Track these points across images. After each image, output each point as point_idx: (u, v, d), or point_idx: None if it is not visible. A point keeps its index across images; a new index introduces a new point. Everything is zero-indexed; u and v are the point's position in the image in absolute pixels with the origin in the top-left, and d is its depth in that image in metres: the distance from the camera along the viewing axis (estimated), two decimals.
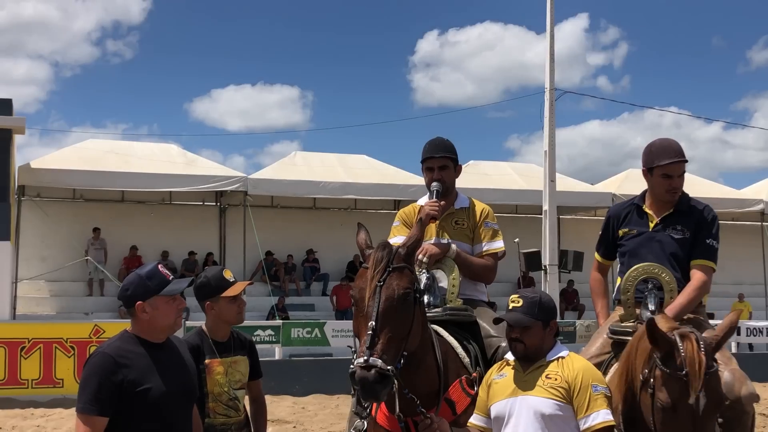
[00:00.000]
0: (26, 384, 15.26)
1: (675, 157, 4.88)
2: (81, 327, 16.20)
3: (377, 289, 3.96)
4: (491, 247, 5.31)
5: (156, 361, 3.91)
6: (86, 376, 3.80)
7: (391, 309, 3.92)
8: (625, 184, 25.03)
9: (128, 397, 3.77)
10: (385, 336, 3.85)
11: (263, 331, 18.05)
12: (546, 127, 20.33)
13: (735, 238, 27.46)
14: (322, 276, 25.10)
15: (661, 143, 4.98)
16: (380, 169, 24.97)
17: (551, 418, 3.93)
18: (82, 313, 21.53)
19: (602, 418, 3.88)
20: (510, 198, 24.52)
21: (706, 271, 4.86)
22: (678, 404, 3.69)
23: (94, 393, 3.74)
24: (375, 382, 3.74)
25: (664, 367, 3.78)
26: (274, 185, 22.89)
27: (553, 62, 20.31)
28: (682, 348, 3.74)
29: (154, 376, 3.86)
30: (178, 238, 23.94)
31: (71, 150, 22.65)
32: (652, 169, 4.93)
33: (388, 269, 4.03)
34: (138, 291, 3.91)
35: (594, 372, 4.07)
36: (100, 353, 3.85)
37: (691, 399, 3.65)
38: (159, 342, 3.99)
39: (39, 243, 22.99)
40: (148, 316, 3.91)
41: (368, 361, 3.75)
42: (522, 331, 4.07)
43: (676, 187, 4.92)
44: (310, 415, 13.80)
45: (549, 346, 4.13)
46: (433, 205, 5.12)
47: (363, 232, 4.42)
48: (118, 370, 3.78)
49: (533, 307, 4.08)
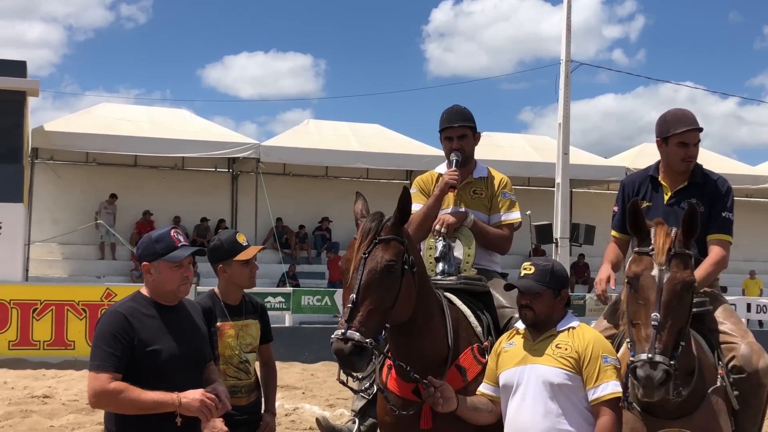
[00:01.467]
0: (38, 345, 15.43)
1: (691, 125, 4.83)
2: (93, 290, 16.35)
3: (362, 261, 3.97)
4: (508, 217, 5.30)
5: (167, 323, 3.93)
6: (99, 333, 3.82)
7: (373, 281, 3.92)
8: (639, 158, 24.91)
9: (138, 357, 3.79)
10: (365, 308, 3.86)
11: (273, 298, 18.15)
12: (561, 100, 20.19)
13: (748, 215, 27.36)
14: (332, 244, 25.15)
15: (675, 112, 4.94)
16: (393, 138, 24.91)
17: (560, 387, 3.94)
18: (94, 276, 21.65)
19: (611, 389, 3.90)
20: (522, 170, 24.42)
21: (724, 246, 4.83)
22: (641, 275, 3.88)
23: (107, 350, 3.75)
24: (351, 354, 3.77)
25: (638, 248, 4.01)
26: (286, 153, 22.88)
27: (569, 33, 20.13)
28: (654, 232, 3.97)
29: (165, 338, 3.87)
30: (190, 204, 24.00)
31: (85, 114, 22.66)
32: (667, 139, 4.88)
33: (375, 241, 4.03)
34: (146, 252, 3.94)
35: (604, 343, 4.08)
36: (113, 311, 3.87)
37: (654, 270, 3.85)
38: (170, 305, 4.00)
39: (51, 206, 23.08)
40: (152, 278, 3.94)
41: (345, 333, 3.78)
42: (532, 298, 4.08)
43: (691, 156, 4.87)
44: (319, 381, 13.89)
45: (559, 315, 4.13)
46: (453, 173, 5.09)
47: (360, 201, 4.45)
48: (130, 328, 3.80)
49: (545, 275, 4.09)
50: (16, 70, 18.53)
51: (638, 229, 4.02)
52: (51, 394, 11.75)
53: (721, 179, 5.00)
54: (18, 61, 19.25)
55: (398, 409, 4.29)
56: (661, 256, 3.87)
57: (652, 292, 3.79)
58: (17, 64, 18.91)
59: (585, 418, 3.94)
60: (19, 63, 19.12)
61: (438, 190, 5.10)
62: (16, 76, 18.26)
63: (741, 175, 26.52)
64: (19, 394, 11.74)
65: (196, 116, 24.14)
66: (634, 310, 3.86)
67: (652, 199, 5.02)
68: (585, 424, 3.93)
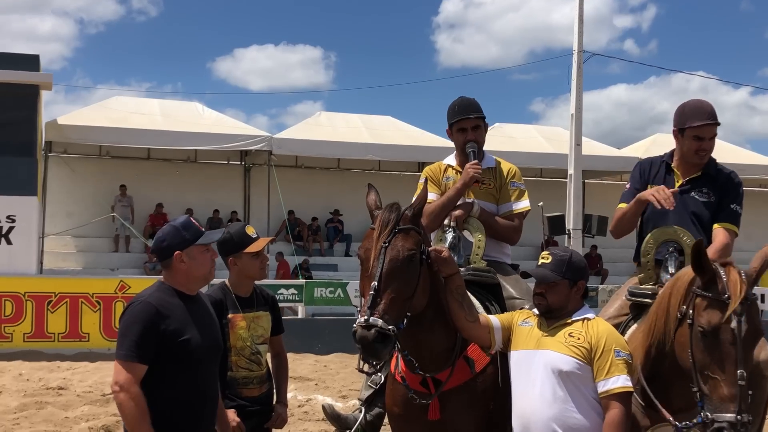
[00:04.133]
0: (53, 337, 15.52)
1: (708, 119, 4.82)
2: (107, 282, 16.42)
3: (382, 250, 3.99)
4: (516, 207, 5.29)
5: (191, 313, 3.98)
6: (128, 323, 3.85)
7: (395, 270, 3.95)
8: (652, 148, 24.79)
9: (167, 347, 3.83)
10: (387, 296, 3.88)
11: (286, 290, 18.17)
12: (573, 90, 20.15)
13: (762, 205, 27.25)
14: (345, 236, 25.18)
15: (694, 104, 4.92)
16: (405, 130, 24.89)
17: (568, 375, 3.94)
18: (108, 268, 21.77)
19: (622, 383, 3.89)
20: (535, 161, 24.38)
21: (729, 234, 4.83)
22: (719, 328, 3.66)
23: (136, 340, 3.78)
24: (375, 341, 3.78)
25: (705, 293, 3.76)
26: (298, 145, 22.90)
27: (581, 24, 20.08)
28: (724, 274, 3.74)
29: (191, 328, 3.93)
30: (202, 197, 24.07)
31: (98, 107, 22.75)
32: (683, 130, 4.87)
33: (394, 231, 4.06)
34: (175, 241, 3.97)
35: (618, 337, 4.07)
36: (143, 302, 3.89)
37: (732, 323, 3.64)
38: (192, 295, 4.06)
39: (65, 199, 23.20)
40: (186, 266, 3.98)
41: (369, 320, 3.79)
42: (547, 287, 4.07)
43: (706, 150, 4.87)
44: (332, 373, 13.93)
45: (575, 306, 4.12)
46: (476, 167, 5.07)
47: (373, 193, 4.47)
48: (160, 319, 3.84)
49: (561, 265, 4.07)
50: (30, 64, 18.59)
51: (702, 269, 3.82)
52: (66, 386, 11.83)
53: (734, 173, 5.00)
54: (31, 55, 19.32)
55: (418, 398, 4.29)
56: (739, 304, 3.66)
57: (733, 348, 3.64)
58: (30, 58, 18.98)
59: (593, 407, 3.94)
60: (32, 57, 19.18)
61: (461, 183, 5.07)
62: (29, 69, 18.31)
63: (755, 165, 26.43)
64: (34, 386, 11.83)
65: (209, 109, 24.18)
66: (708, 363, 3.69)
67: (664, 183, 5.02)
68: (593, 413, 3.93)
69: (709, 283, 3.79)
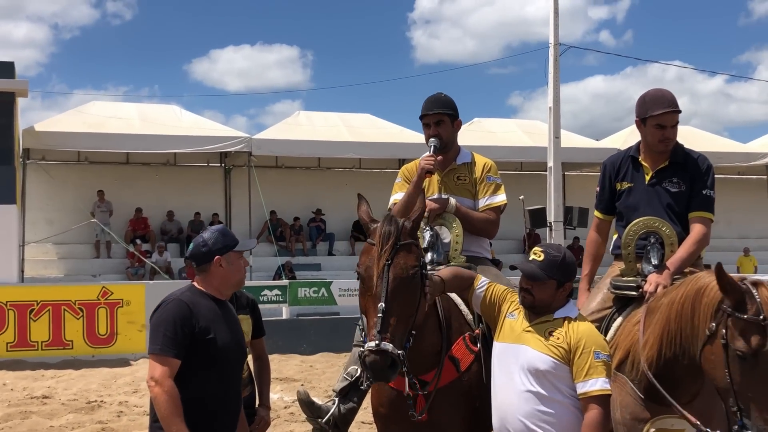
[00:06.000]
0: (36, 346, 15.39)
1: (668, 107, 4.84)
2: (89, 289, 16.31)
3: (385, 269, 3.92)
4: (493, 201, 5.27)
5: (221, 315, 4.11)
6: (162, 319, 3.95)
7: (399, 289, 3.90)
8: (631, 138, 24.84)
9: (197, 345, 3.93)
10: (395, 318, 3.83)
11: (270, 291, 18.14)
12: (550, 83, 20.19)
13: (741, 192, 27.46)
14: (328, 236, 25.15)
15: (654, 93, 4.94)
16: (384, 127, 24.89)
17: (544, 374, 3.95)
18: (90, 275, 21.65)
19: (600, 385, 3.88)
20: (515, 155, 24.46)
21: (705, 223, 4.85)
22: (759, 350, 3.60)
23: (171, 335, 3.89)
24: (387, 367, 3.76)
25: (739, 314, 3.68)
26: (278, 145, 22.86)
27: (557, 17, 20.12)
28: (757, 294, 3.67)
29: (220, 329, 4.05)
30: (183, 200, 23.98)
31: (75, 113, 22.62)
32: (645, 120, 4.90)
33: (396, 246, 3.99)
34: (216, 246, 4.13)
35: (598, 338, 4.06)
36: (176, 299, 4.03)
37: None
38: (222, 299, 4.20)
39: (45, 206, 23.07)
40: (224, 270, 4.13)
41: (380, 345, 3.74)
42: (534, 284, 4.07)
43: (669, 138, 4.89)
44: (318, 373, 13.92)
45: (561, 305, 4.12)
46: (429, 159, 5.07)
47: (364, 204, 4.36)
48: (192, 316, 3.95)
49: (552, 266, 4.05)
50: (5, 71, 18.46)
51: (730, 289, 3.75)
52: (50, 395, 11.76)
53: (702, 157, 5.01)
54: (6, 62, 19.18)
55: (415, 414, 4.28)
56: None
57: None
58: (5, 65, 18.85)
59: (571, 403, 3.95)
60: (7, 64, 19.06)
61: (416, 176, 5.08)
62: (4, 77, 18.18)
63: (733, 153, 26.58)
64: (18, 396, 11.75)
65: (187, 112, 24.13)
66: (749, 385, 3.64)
67: (634, 179, 5.04)
68: (570, 409, 3.95)
69: (740, 303, 3.71)
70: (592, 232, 5.35)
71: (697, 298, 3.92)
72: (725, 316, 3.74)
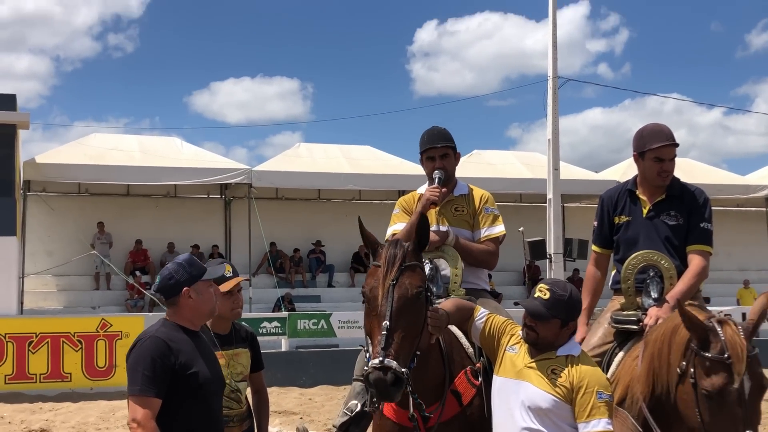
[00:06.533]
0: (34, 378, 15.34)
1: (666, 141, 4.91)
2: (88, 321, 16.28)
3: (390, 288, 3.95)
4: (491, 232, 5.30)
5: (198, 348, 4.03)
6: (139, 358, 3.87)
7: (404, 308, 3.92)
8: (629, 171, 24.89)
9: (178, 381, 3.86)
10: (399, 336, 3.84)
11: (269, 323, 18.07)
12: (549, 116, 20.26)
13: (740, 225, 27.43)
14: (327, 267, 25.12)
15: (652, 128, 5.01)
16: (384, 159, 24.94)
17: (546, 412, 3.93)
18: (89, 307, 21.60)
19: (602, 426, 3.86)
20: (514, 187, 24.49)
21: (704, 256, 4.88)
22: (724, 389, 3.64)
23: (150, 374, 3.80)
24: (391, 385, 3.74)
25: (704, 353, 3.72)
26: (278, 177, 22.88)
27: (555, 50, 20.24)
28: (721, 333, 3.70)
29: (199, 362, 3.97)
30: (183, 231, 23.95)
31: (76, 145, 22.67)
32: (643, 153, 4.97)
33: (401, 267, 4.02)
34: (183, 277, 4.03)
35: (600, 377, 4.04)
36: (152, 337, 3.94)
37: (736, 383, 3.62)
38: (196, 330, 4.12)
39: (45, 238, 23.06)
40: (193, 301, 4.04)
41: (383, 362, 3.74)
42: (538, 322, 4.05)
43: (667, 171, 4.94)
44: (317, 406, 13.84)
45: (562, 342, 4.10)
46: (434, 190, 5.12)
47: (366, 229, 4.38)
48: (170, 353, 3.87)
49: (557, 305, 4.02)
50: (7, 103, 18.54)
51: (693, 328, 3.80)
52: (48, 428, 11.71)
53: (698, 190, 5.05)
54: (8, 95, 19.26)
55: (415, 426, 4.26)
56: (741, 364, 3.64)
57: (739, 408, 3.63)
58: (7, 98, 18.92)
59: None
60: (9, 96, 19.13)
61: (420, 206, 5.10)
62: (6, 109, 18.27)
63: (732, 185, 26.60)
64: (16, 429, 11.69)
65: (187, 143, 24.17)
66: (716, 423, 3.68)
67: (631, 213, 5.08)
68: None
69: (704, 343, 3.74)
70: (590, 266, 5.38)
71: (673, 336, 3.95)
72: (693, 355, 3.77)
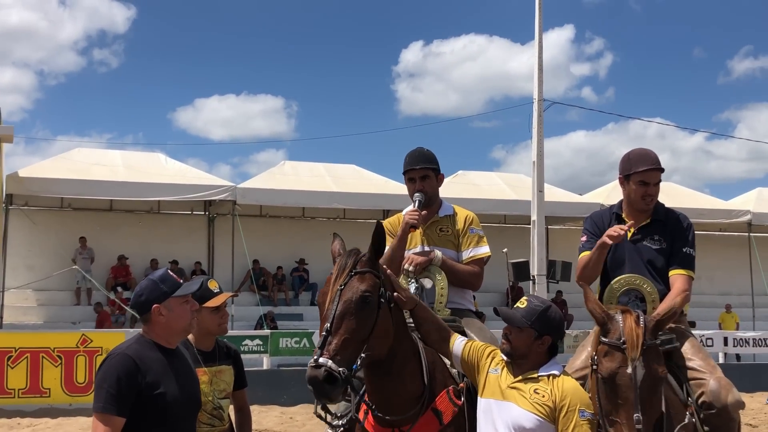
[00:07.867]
0: (13, 393, 15.18)
1: (652, 165, 4.98)
2: (68, 336, 16.14)
3: (338, 293, 4.05)
4: (476, 253, 5.34)
5: (170, 367, 3.94)
6: (105, 375, 3.78)
7: (348, 311, 3.98)
8: (614, 194, 25.05)
9: (144, 401, 3.77)
10: (339, 337, 3.90)
11: (251, 341, 17.99)
12: (534, 138, 20.37)
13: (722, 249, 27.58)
14: (310, 286, 25.05)
15: (638, 152, 5.09)
16: (369, 178, 24.97)
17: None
18: (70, 322, 21.44)
19: None
20: (498, 208, 24.56)
21: (686, 281, 4.92)
22: (617, 373, 3.79)
23: (113, 392, 3.72)
24: (324, 382, 3.78)
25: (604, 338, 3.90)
26: (262, 194, 22.86)
27: (541, 72, 20.38)
28: (620, 320, 3.87)
29: (170, 382, 3.88)
30: (166, 248, 23.85)
31: (59, 159, 22.57)
32: (629, 177, 5.03)
33: (351, 274, 4.12)
34: (153, 294, 3.95)
35: (583, 396, 4.06)
36: (121, 354, 3.84)
37: (629, 368, 3.75)
38: (172, 348, 4.03)
39: (26, 252, 22.90)
40: (165, 318, 3.95)
41: (317, 360, 3.80)
42: (511, 330, 4.11)
43: (651, 195, 5.01)
44: (298, 425, 13.77)
45: (538, 360, 4.12)
46: (413, 214, 5.16)
47: (337, 240, 4.56)
48: (137, 372, 3.78)
49: (532, 314, 4.09)
50: None
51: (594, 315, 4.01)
52: None
53: (682, 216, 5.12)
54: None
55: None
56: (635, 350, 3.79)
57: (631, 392, 3.75)
58: None
59: None
60: None
61: (400, 230, 5.16)
62: None
63: (715, 210, 26.80)
64: None
65: (171, 159, 24.10)
66: (611, 409, 3.82)
67: None
68: None
69: (605, 328, 3.94)
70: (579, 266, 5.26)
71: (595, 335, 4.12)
72: (597, 344, 3.97)
